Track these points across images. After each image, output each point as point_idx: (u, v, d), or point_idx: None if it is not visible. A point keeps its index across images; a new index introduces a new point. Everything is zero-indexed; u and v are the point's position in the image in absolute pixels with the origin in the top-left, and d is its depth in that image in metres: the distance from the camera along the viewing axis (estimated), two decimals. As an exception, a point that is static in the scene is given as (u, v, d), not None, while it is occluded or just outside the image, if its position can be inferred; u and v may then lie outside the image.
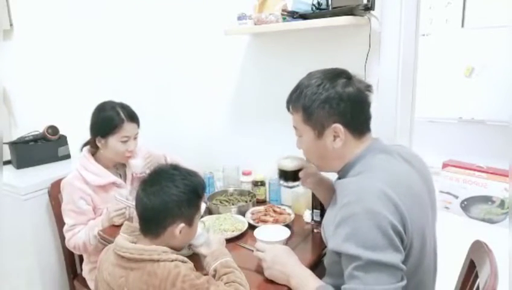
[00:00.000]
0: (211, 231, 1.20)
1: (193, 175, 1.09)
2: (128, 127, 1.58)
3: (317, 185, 1.26)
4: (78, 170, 1.61)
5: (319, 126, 1.01)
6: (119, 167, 1.73)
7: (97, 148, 1.63)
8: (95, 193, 1.61)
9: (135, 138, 1.63)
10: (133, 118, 1.60)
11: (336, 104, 0.97)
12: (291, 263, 1.10)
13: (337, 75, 1.01)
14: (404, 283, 0.87)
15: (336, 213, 0.94)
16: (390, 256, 0.85)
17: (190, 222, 1.07)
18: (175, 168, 1.09)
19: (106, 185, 1.62)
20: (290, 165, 1.25)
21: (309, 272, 1.08)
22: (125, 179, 1.70)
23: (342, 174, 1.06)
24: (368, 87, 1.03)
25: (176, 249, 1.05)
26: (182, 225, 1.04)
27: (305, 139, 1.07)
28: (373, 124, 1.07)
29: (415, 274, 0.96)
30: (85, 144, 1.70)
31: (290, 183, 1.28)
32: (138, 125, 1.63)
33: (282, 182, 1.29)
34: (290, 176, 1.26)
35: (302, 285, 1.04)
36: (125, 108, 1.61)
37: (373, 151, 1.02)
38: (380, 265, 0.84)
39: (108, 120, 1.56)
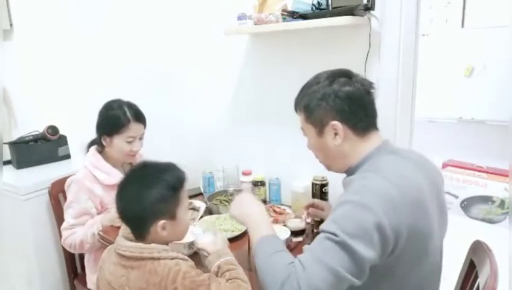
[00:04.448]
0: (218, 232, 1.20)
1: (164, 171, 1.04)
2: (134, 127, 1.57)
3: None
4: (88, 168, 1.59)
5: (319, 123, 1.02)
6: (126, 166, 1.72)
7: (103, 146, 1.62)
8: (105, 192, 1.58)
9: (141, 138, 1.62)
10: (139, 118, 1.59)
11: (332, 100, 0.98)
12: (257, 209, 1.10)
13: (338, 74, 1.02)
14: (357, 282, 0.83)
15: None
16: (361, 247, 0.82)
17: (172, 216, 1.04)
18: (145, 165, 1.07)
19: (116, 184, 1.60)
20: (296, 226, 1.40)
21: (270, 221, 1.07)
22: None
23: (350, 174, 1.05)
24: (371, 84, 1.02)
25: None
26: (162, 221, 1.01)
27: (309, 139, 1.08)
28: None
29: (409, 278, 0.95)
30: (91, 143, 1.68)
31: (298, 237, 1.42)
32: (145, 125, 1.61)
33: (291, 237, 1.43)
34: (297, 233, 1.42)
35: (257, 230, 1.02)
36: (132, 107, 1.59)
37: (381, 152, 1.00)
38: (345, 248, 0.81)
39: (115, 119, 1.55)
